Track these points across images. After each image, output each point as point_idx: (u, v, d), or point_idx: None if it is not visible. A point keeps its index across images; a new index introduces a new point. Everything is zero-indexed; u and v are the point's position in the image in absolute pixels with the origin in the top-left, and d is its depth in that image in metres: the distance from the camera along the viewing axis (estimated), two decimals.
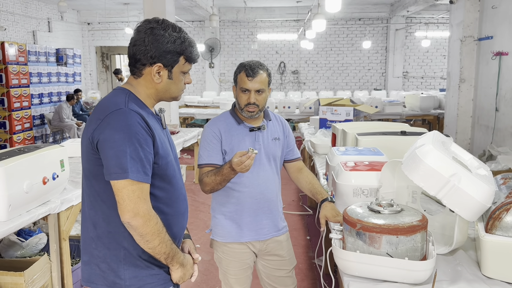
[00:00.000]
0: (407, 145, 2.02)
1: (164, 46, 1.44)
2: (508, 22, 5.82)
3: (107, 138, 1.36)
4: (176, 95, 1.56)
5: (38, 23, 11.24)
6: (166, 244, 1.43)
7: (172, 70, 1.49)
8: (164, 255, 1.44)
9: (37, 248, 2.86)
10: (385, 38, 13.19)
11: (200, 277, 3.53)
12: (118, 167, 1.35)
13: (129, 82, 1.53)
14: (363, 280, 1.60)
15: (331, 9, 5.52)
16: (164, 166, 1.48)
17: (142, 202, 1.37)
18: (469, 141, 6.95)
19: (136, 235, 1.40)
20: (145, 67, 1.47)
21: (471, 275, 1.63)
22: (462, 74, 6.88)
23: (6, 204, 2.21)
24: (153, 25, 1.45)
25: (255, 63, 2.06)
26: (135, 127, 1.37)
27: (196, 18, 12.96)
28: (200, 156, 2.10)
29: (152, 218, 1.39)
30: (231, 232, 2.13)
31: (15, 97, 7.28)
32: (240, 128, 2.10)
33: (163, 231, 1.42)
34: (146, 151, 1.39)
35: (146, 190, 1.40)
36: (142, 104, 1.48)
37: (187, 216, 1.65)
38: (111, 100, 1.44)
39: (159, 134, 1.48)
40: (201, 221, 4.88)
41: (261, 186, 2.11)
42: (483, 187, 1.61)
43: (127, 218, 1.36)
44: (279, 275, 2.23)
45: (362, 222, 1.56)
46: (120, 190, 1.36)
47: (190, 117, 9.69)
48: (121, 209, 1.37)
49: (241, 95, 2.05)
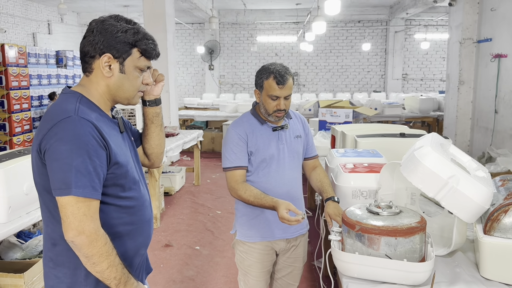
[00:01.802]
0: (406, 147, 2.03)
1: (114, 35, 1.32)
2: (507, 24, 5.84)
3: (53, 150, 1.23)
4: (131, 95, 1.40)
5: (38, 25, 11.25)
6: (116, 268, 1.29)
7: (124, 63, 1.35)
8: (114, 280, 1.29)
9: (36, 250, 2.86)
10: (385, 40, 13.21)
11: (200, 279, 3.53)
12: (61, 182, 1.22)
13: (81, 83, 1.39)
14: (362, 281, 1.60)
15: (330, 12, 5.53)
16: (123, 174, 1.36)
17: (89, 220, 1.24)
18: (468, 143, 6.96)
19: (81, 256, 1.26)
20: (94, 59, 1.34)
21: (469, 276, 1.63)
22: (461, 76, 6.89)
23: (6, 206, 2.22)
24: (105, 17, 1.35)
25: (282, 69, 2.01)
26: (84, 137, 1.24)
27: (196, 20, 12.97)
28: (226, 159, 2.07)
29: (100, 238, 1.25)
30: (259, 232, 2.13)
31: (15, 99, 7.29)
32: (264, 128, 2.10)
33: (112, 254, 1.28)
34: (96, 164, 1.25)
35: (94, 207, 1.26)
36: (95, 107, 1.35)
37: (152, 223, 1.54)
38: (60, 107, 1.30)
39: (116, 142, 1.36)
40: (200, 223, 4.88)
41: (287, 185, 2.12)
42: (481, 189, 1.62)
43: (71, 237, 1.23)
44: (290, 270, 2.27)
45: (361, 224, 1.56)
46: (64, 207, 1.23)
47: (190, 119, 9.69)
48: (65, 227, 1.24)
49: (270, 101, 2.03)
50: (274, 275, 2.30)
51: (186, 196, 5.97)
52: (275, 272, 2.29)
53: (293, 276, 2.29)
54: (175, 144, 5.29)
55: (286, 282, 2.29)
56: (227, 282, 3.48)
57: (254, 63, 13.66)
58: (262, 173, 2.08)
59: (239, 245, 2.19)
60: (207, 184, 6.60)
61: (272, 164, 2.09)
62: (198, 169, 6.51)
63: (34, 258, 2.73)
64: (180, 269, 3.72)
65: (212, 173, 7.28)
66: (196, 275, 3.61)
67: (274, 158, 2.09)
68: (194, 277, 3.58)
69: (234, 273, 3.62)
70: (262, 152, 2.07)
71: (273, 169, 2.09)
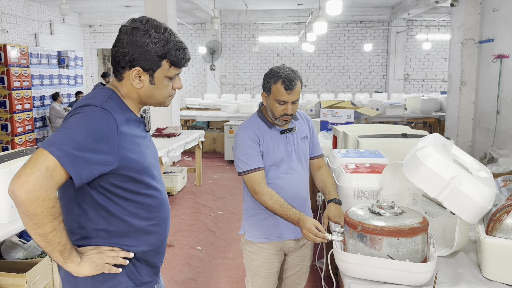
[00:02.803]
0: (408, 147, 2.03)
1: (144, 48, 1.32)
2: (508, 25, 5.83)
3: (65, 121, 1.26)
4: (162, 101, 1.43)
5: (40, 25, 11.27)
6: (61, 234, 1.21)
7: (154, 75, 1.36)
8: (59, 246, 1.21)
9: (38, 250, 2.86)
10: (386, 41, 13.20)
11: (202, 280, 3.53)
12: (51, 139, 1.20)
13: (112, 83, 1.42)
14: (364, 282, 1.60)
15: (332, 12, 5.54)
16: (140, 171, 1.36)
17: (47, 178, 1.15)
18: (470, 144, 6.94)
19: (22, 215, 1.17)
20: (125, 70, 1.36)
21: (471, 277, 1.63)
22: (463, 77, 6.88)
23: (8, 205, 2.22)
24: (135, 25, 1.34)
25: (291, 73, 1.99)
26: (98, 123, 1.25)
27: (198, 20, 12.98)
28: (243, 163, 2.04)
29: (50, 200, 1.17)
30: (269, 232, 2.13)
31: (17, 99, 7.30)
32: (272, 132, 2.10)
33: (59, 219, 1.21)
34: (93, 146, 1.22)
35: (61, 175, 1.19)
36: (124, 105, 1.37)
37: (169, 222, 1.54)
38: (88, 97, 1.34)
39: (135, 140, 1.36)
40: (202, 223, 4.89)
41: (296, 187, 2.13)
42: (483, 189, 1.62)
43: (14, 186, 1.14)
44: (298, 270, 2.28)
45: (363, 224, 1.56)
46: (35, 154, 1.17)
47: (191, 119, 9.70)
48: (18, 173, 1.15)
49: (277, 106, 2.02)
50: (281, 275, 2.30)
51: (187, 196, 5.98)
52: (283, 271, 2.29)
53: (300, 275, 2.30)
54: (176, 144, 5.30)
55: (293, 281, 2.30)
56: (228, 283, 3.48)
57: (256, 63, 13.67)
58: (271, 175, 2.08)
59: (248, 246, 2.19)
60: (209, 185, 6.61)
61: (281, 166, 2.09)
62: (200, 170, 6.52)
63: (36, 258, 2.73)
64: (182, 269, 3.72)
65: (213, 174, 7.29)
66: (197, 275, 3.61)
67: (283, 161, 2.09)
68: (195, 277, 3.58)
69: (236, 274, 3.62)
70: (272, 156, 2.07)
71: (283, 171, 2.09)
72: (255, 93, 13.29)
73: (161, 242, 1.51)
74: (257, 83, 13.66)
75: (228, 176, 7.14)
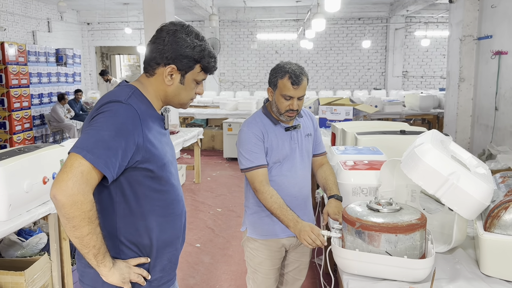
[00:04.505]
0: (406, 144, 2.03)
1: (183, 49, 1.41)
2: (507, 21, 5.83)
3: (93, 120, 1.32)
4: (185, 102, 1.52)
5: (38, 23, 11.24)
6: (97, 237, 1.28)
7: (186, 76, 1.45)
8: (93, 249, 1.28)
9: (37, 247, 2.86)
10: (385, 38, 13.19)
11: (201, 277, 3.54)
12: (81, 143, 1.26)
13: (139, 79, 1.49)
14: (363, 278, 1.61)
15: (330, 9, 5.53)
16: (160, 167, 1.42)
17: (83, 182, 1.23)
18: (468, 140, 6.95)
19: (62, 217, 1.24)
20: (159, 66, 1.43)
21: (470, 273, 1.63)
22: (462, 74, 6.88)
23: (6, 203, 2.22)
24: (177, 27, 1.43)
25: (298, 69, 2.00)
26: (124, 119, 1.31)
27: (196, 18, 12.95)
28: (246, 159, 2.04)
29: (87, 203, 1.24)
30: (270, 229, 2.13)
31: (15, 97, 7.29)
32: (277, 129, 2.10)
33: (95, 222, 1.27)
34: (121, 145, 1.29)
35: (95, 177, 1.27)
36: (147, 101, 1.44)
37: (184, 218, 1.59)
38: (113, 93, 1.40)
39: (157, 136, 1.43)
40: (201, 220, 4.89)
41: (299, 184, 2.13)
42: (481, 185, 1.62)
43: (55, 192, 1.21)
44: (297, 265, 2.29)
45: (361, 221, 1.56)
46: (69, 159, 1.24)
47: (190, 116, 9.69)
48: (56, 179, 1.22)
49: (283, 101, 2.02)
50: (281, 271, 2.31)
51: (186, 194, 5.98)
52: (283, 267, 2.30)
53: (300, 271, 2.31)
54: (175, 142, 5.29)
55: (293, 277, 2.31)
56: (227, 280, 3.49)
57: (254, 60, 13.65)
58: (274, 172, 2.08)
59: (250, 242, 2.20)
60: (208, 182, 6.61)
61: (284, 163, 2.09)
62: (199, 167, 6.52)
63: (34, 256, 2.73)
64: (181, 266, 3.72)
65: (212, 171, 7.29)
66: (196, 272, 3.62)
67: (287, 158, 2.09)
68: (194, 274, 3.58)
69: (235, 271, 3.62)
70: (276, 153, 2.07)
71: (286, 168, 2.09)
72: (254, 91, 13.27)
73: (177, 237, 1.56)
74: (255, 80, 13.65)
75: (227, 174, 7.14)
